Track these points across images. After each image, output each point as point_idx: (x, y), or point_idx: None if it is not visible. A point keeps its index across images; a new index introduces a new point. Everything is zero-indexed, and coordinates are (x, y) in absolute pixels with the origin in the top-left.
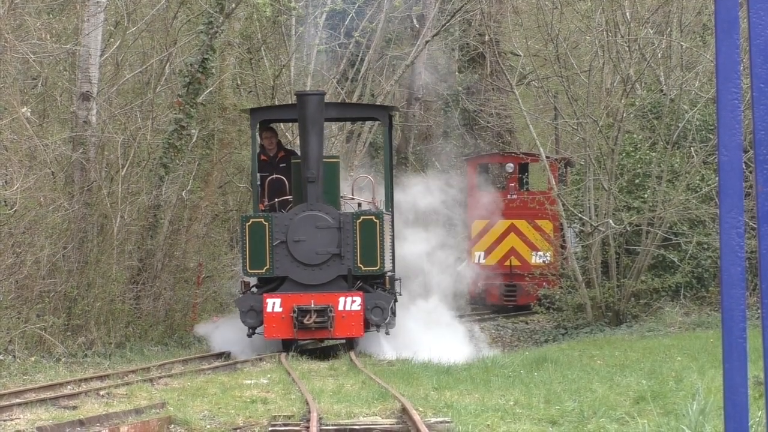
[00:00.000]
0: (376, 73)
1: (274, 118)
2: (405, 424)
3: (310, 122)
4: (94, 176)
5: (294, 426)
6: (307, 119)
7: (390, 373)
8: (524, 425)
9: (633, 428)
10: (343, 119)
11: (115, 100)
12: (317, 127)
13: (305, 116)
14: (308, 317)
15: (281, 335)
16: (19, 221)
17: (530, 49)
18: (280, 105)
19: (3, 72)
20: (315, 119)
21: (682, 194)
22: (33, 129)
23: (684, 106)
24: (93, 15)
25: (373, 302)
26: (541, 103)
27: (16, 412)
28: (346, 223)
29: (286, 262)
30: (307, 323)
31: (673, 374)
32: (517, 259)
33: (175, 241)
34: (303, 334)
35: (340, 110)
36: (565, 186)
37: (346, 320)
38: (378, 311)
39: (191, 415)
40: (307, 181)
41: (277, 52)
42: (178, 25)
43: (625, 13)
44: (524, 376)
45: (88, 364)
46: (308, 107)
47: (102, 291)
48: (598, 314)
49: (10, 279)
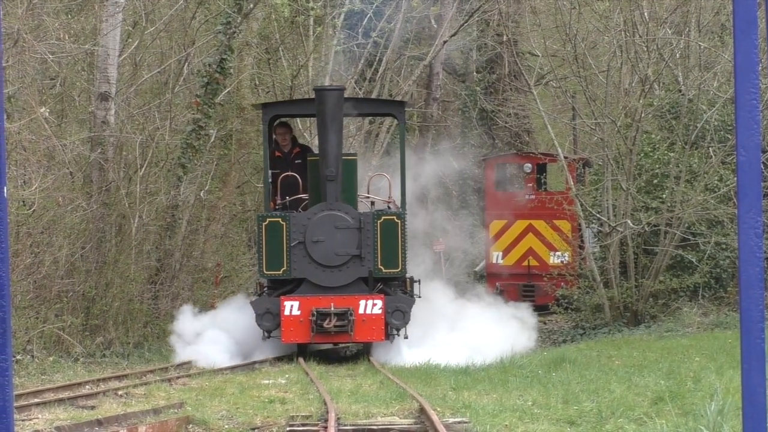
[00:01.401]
0: (394, 73)
1: (286, 113)
2: (423, 424)
3: (330, 118)
4: (112, 176)
5: (312, 426)
6: (326, 115)
7: (408, 373)
8: (542, 425)
9: (651, 429)
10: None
11: (134, 100)
12: (336, 124)
13: (324, 112)
14: (328, 321)
15: (299, 339)
16: (37, 221)
17: (548, 49)
18: (293, 100)
19: (21, 72)
20: (334, 115)
21: (700, 194)
22: (51, 129)
23: (702, 106)
24: (111, 15)
25: (394, 305)
26: (559, 103)
27: (35, 411)
28: (367, 223)
29: (304, 263)
30: (326, 327)
31: (691, 374)
32: (535, 260)
33: (193, 241)
34: (322, 338)
35: (355, 106)
36: (584, 186)
37: (366, 324)
38: (399, 314)
39: (209, 415)
40: (326, 179)
41: (295, 53)
42: (197, 26)
43: (644, 13)
44: (542, 376)
45: (107, 364)
46: (327, 103)
47: (120, 291)
48: (616, 314)
49: (29, 279)
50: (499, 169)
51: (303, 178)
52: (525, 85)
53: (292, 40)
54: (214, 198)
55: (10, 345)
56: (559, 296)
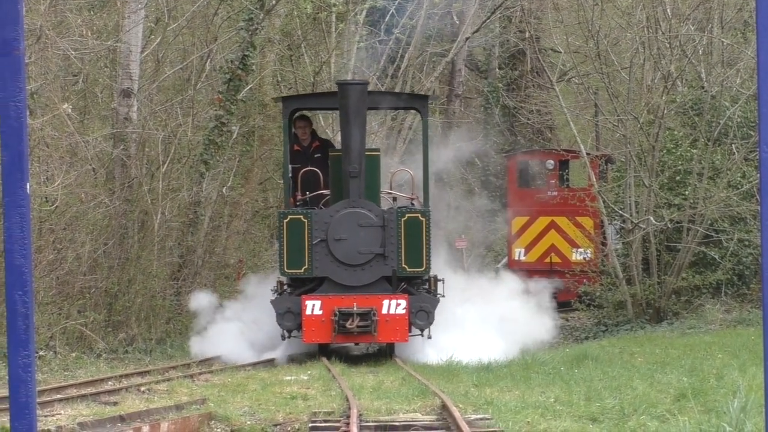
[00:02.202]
0: (416, 70)
1: (307, 106)
2: (445, 420)
3: (353, 113)
4: (134, 173)
5: (334, 422)
6: (349, 110)
7: (430, 369)
8: (564, 422)
9: (674, 426)
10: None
11: (156, 97)
12: (360, 119)
13: (347, 106)
14: (351, 321)
15: (321, 339)
16: (60, 217)
17: (570, 46)
18: (314, 93)
19: (44, 68)
20: (358, 110)
21: (723, 191)
22: (74, 125)
23: (725, 102)
24: (134, 12)
25: (418, 305)
26: (581, 100)
27: (57, 407)
28: (390, 221)
29: (326, 261)
30: (349, 327)
31: (714, 371)
32: (558, 256)
33: (215, 238)
34: (344, 338)
35: (378, 100)
36: (606, 183)
37: (390, 324)
38: (423, 315)
39: (231, 411)
40: (349, 175)
41: (317, 49)
42: (219, 22)
43: (666, 9)
44: (565, 373)
45: (129, 360)
46: (350, 97)
47: (143, 287)
48: (638, 311)
49: (51, 275)
50: (521, 165)
51: (323, 173)
52: (547, 82)
53: (315, 36)
54: (236, 194)
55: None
56: (582, 293)
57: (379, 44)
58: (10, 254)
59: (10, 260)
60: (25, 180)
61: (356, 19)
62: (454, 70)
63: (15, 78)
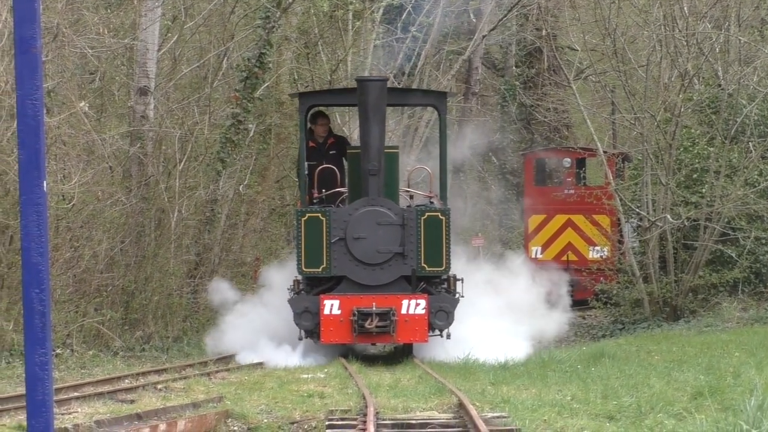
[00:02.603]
0: (433, 68)
1: (324, 103)
2: (462, 419)
3: (372, 110)
4: (151, 171)
5: (351, 420)
6: (368, 107)
7: (447, 368)
8: (581, 420)
9: (690, 424)
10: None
11: (173, 95)
12: (379, 116)
13: (366, 103)
14: (369, 321)
15: (339, 339)
16: (77, 215)
17: (587, 44)
18: (332, 89)
19: (61, 66)
20: (377, 107)
21: (740, 189)
22: (91, 123)
23: (742, 100)
24: (150, 10)
25: (438, 305)
26: (598, 98)
27: (74, 405)
28: (410, 219)
29: (345, 260)
30: (368, 327)
31: (731, 370)
32: (575, 254)
33: (232, 236)
34: (363, 338)
35: (396, 97)
36: (623, 181)
37: (409, 324)
38: (442, 315)
39: (248, 409)
40: (368, 173)
41: (334, 47)
42: (236, 20)
43: (683, 7)
44: (581, 371)
45: (146, 358)
46: (369, 94)
47: (159, 285)
48: (655, 309)
49: (68, 273)
50: (538, 163)
51: (339, 170)
52: (564, 80)
53: (331, 34)
54: (253, 192)
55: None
56: (599, 291)
57: (396, 42)
58: (27, 252)
59: (27, 258)
60: (42, 178)
61: (373, 17)
62: (470, 68)
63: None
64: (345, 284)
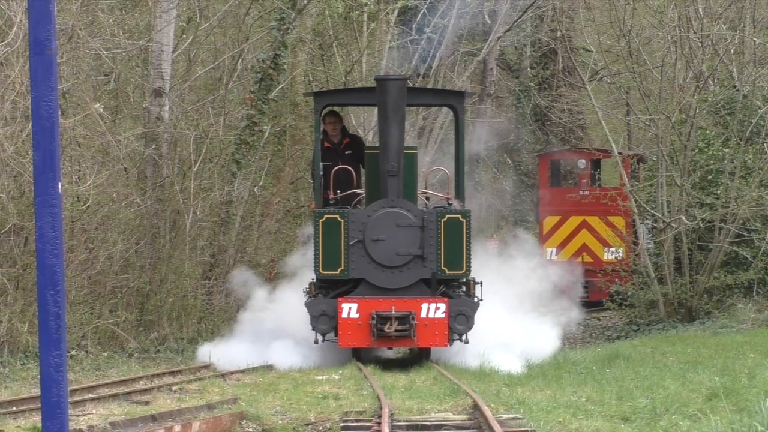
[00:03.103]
0: (448, 69)
1: (339, 102)
2: (477, 420)
3: (392, 110)
4: (166, 172)
5: (366, 422)
6: (387, 106)
7: (461, 369)
8: (596, 422)
9: (705, 425)
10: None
11: (188, 96)
12: (399, 116)
13: (386, 103)
14: (389, 325)
15: (358, 343)
16: (92, 217)
17: (602, 45)
18: (348, 89)
19: (76, 68)
20: (397, 106)
21: (755, 190)
22: (106, 125)
23: (757, 102)
24: (165, 11)
25: (458, 309)
26: (613, 99)
27: (89, 407)
28: (430, 221)
29: (363, 263)
30: (387, 331)
31: (745, 371)
32: (590, 256)
33: (247, 237)
34: (382, 342)
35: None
36: (638, 182)
37: (429, 328)
38: (462, 319)
39: (263, 410)
40: (387, 174)
41: (349, 48)
42: (250, 22)
43: (698, 8)
44: (596, 372)
45: (161, 360)
46: (389, 93)
47: (174, 287)
48: (670, 311)
49: (83, 274)
50: (553, 165)
51: (355, 171)
52: (579, 81)
53: (346, 36)
54: (267, 194)
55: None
56: (613, 292)
57: (411, 44)
58: (42, 254)
59: (42, 260)
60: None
61: (388, 19)
62: (485, 69)
63: (47, 78)
64: (363, 287)
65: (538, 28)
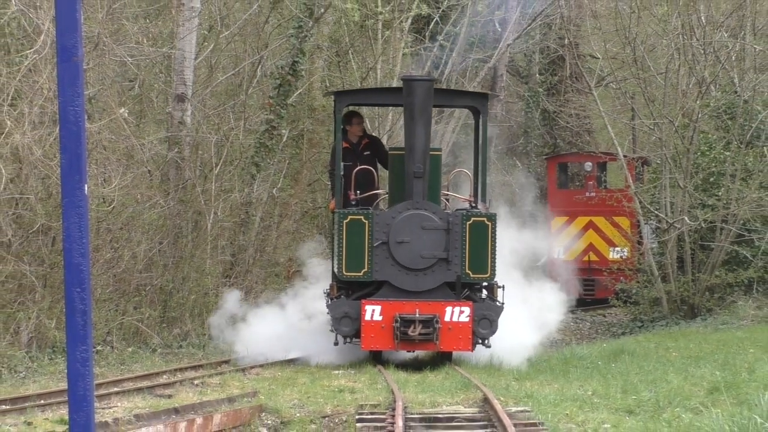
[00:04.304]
0: (460, 75)
1: (362, 102)
2: (487, 413)
3: (418, 111)
4: (188, 174)
5: (380, 414)
6: (414, 107)
7: (472, 364)
8: (602, 414)
9: (707, 418)
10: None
11: (209, 102)
12: (425, 117)
13: (412, 104)
14: (413, 328)
15: (381, 346)
16: (117, 217)
17: (608, 52)
18: (368, 89)
19: (102, 74)
20: (423, 108)
21: (755, 192)
22: (130, 129)
23: (757, 107)
24: (188, 20)
25: (482, 313)
26: (618, 104)
27: (114, 400)
28: (455, 224)
29: (387, 265)
30: (411, 335)
31: (746, 366)
32: (596, 255)
33: (266, 237)
34: (405, 345)
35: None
36: (642, 184)
37: (452, 332)
38: (486, 323)
39: (281, 403)
40: (413, 175)
41: (364, 55)
42: (269, 30)
43: (701, 17)
44: (602, 367)
45: (183, 355)
46: (416, 94)
47: (196, 284)
48: (673, 308)
49: (109, 273)
50: (561, 167)
51: (376, 171)
52: (586, 87)
53: (362, 43)
54: (286, 195)
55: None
56: (619, 290)
57: (424, 51)
58: (68, 253)
59: (69, 258)
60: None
61: (402, 27)
62: (496, 75)
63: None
64: (386, 289)
65: (547, 36)
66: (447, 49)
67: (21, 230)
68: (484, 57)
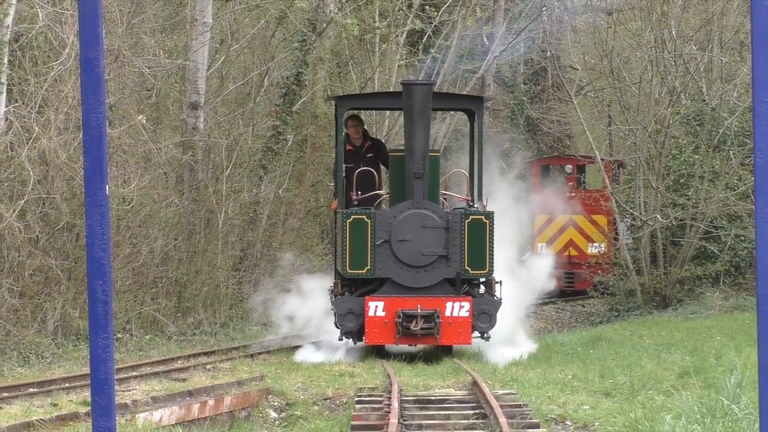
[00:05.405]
0: (450, 85)
1: (362, 106)
2: (475, 395)
3: (418, 114)
4: (201, 176)
5: (377, 396)
6: (414, 111)
7: (462, 351)
8: (581, 396)
9: (677, 399)
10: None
11: (220, 109)
12: (425, 120)
13: (412, 107)
14: (414, 323)
15: (383, 341)
16: (135, 216)
17: (587, 64)
18: (369, 93)
19: (121, 84)
20: (423, 111)
21: (721, 192)
22: (148, 134)
23: (724, 114)
24: (201, 34)
25: (481, 308)
26: (596, 111)
27: (133, 383)
28: (454, 222)
29: (389, 262)
30: (413, 329)
31: (713, 352)
32: (575, 250)
33: (272, 234)
34: (407, 340)
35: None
36: (618, 185)
37: (453, 327)
38: (485, 317)
39: (287, 386)
40: (413, 176)
41: (363, 67)
42: (276, 43)
43: (672, 31)
44: (581, 353)
45: (196, 342)
46: (415, 98)
47: (208, 277)
48: (647, 298)
49: (128, 267)
50: (543, 169)
51: (378, 173)
52: (566, 95)
53: (360, 55)
54: (291, 195)
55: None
56: (597, 282)
57: (418, 62)
58: (91, 248)
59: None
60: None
61: (397, 40)
62: (483, 85)
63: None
64: (388, 286)
65: (531, 49)
66: (439, 60)
67: (48, 227)
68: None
